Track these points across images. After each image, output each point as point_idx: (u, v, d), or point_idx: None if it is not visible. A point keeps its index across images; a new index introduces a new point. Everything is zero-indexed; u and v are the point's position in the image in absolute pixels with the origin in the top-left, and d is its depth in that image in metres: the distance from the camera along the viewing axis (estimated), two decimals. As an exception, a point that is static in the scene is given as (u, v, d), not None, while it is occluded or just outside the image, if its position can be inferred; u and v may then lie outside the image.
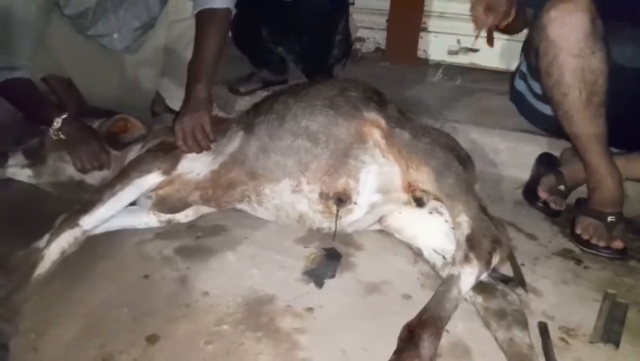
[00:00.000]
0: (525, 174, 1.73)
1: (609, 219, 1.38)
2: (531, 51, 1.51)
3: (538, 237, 1.47)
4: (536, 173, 1.63)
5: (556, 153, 1.74)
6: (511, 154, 1.85)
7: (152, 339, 1.07)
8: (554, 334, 1.09)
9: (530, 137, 1.85)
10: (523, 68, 1.73)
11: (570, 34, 1.31)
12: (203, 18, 1.55)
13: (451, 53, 2.68)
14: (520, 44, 2.45)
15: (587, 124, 1.36)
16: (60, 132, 1.52)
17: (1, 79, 1.57)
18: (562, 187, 1.54)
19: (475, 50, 2.63)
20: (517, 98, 1.84)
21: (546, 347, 1.05)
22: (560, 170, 1.58)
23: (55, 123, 1.51)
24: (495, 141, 1.88)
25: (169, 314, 1.14)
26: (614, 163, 1.40)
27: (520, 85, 1.79)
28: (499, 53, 2.57)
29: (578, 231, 1.41)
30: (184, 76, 1.56)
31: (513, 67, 2.53)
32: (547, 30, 1.34)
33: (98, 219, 1.31)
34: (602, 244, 1.36)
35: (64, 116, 1.53)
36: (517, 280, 1.23)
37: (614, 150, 1.47)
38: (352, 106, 1.39)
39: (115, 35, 1.85)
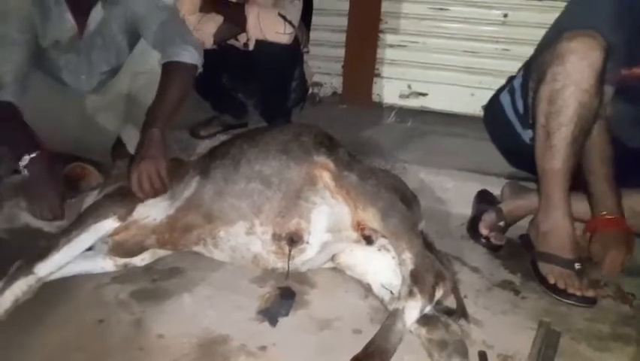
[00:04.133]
0: (470, 211, 1.84)
1: (577, 266, 1.40)
2: (533, 73, 1.51)
3: (481, 270, 1.56)
4: (477, 210, 1.74)
5: (496, 191, 1.86)
6: (458, 192, 1.96)
7: (105, 384, 1.08)
8: (493, 362, 1.17)
9: (476, 176, 1.99)
10: (516, 84, 1.71)
11: (586, 69, 1.33)
12: (170, 69, 1.62)
13: (402, 96, 2.85)
14: (465, 89, 2.70)
15: (565, 161, 1.39)
16: (25, 170, 1.49)
17: None
18: (502, 223, 1.64)
19: (424, 94, 2.81)
20: (495, 110, 1.82)
21: (485, 375, 1.12)
22: (500, 207, 1.69)
23: (23, 160, 1.48)
24: (443, 179, 2.00)
25: (124, 359, 1.15)
26: (571, 207, 1.44)
27: (504, 98, 1.77)
28: (448, 97, 2.75)
29: (552, 281, 1.41)
30: None
31: (460, 110, 2.75)
32: (564, 58, 1.35)
33: (53, 266, 1.31)
34: (578, 293, 1.37)
35: (34, 155, 1.49)
36: (460, 312, 1.30)
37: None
38: (304, 150, 1.47)
39: (83, 77, 1.89)
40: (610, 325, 1.32)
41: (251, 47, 2.04)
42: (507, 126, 1.76)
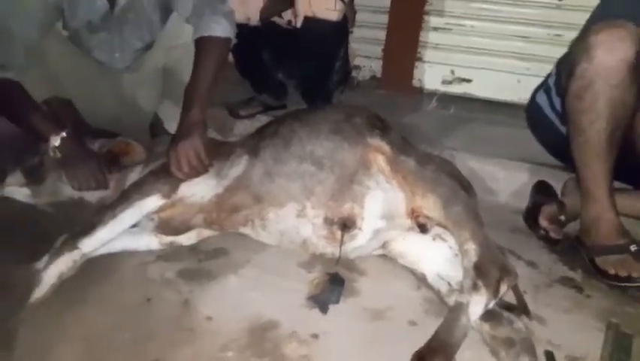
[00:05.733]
0: (521, 202, 1.75)
1: (632, 248, 1.34)
2: (565, 68, 1.46)
3: (538, 264, 1.48)
4: (536, 200, 1.65)
5: (551, 182, 1.77)
6: (509, 182, 1.88)
7: (155, 365, 1.04)
8: (561, 363, 1.10)
9: (527, 166, 1.90)
10: (551, 82, 1.65)
11: (615, 62, 1.26)
12: (203, 45, 1.57)
13: (445, 82, 2.75)
14: (512, 76, 2.58)
15: (602, 156, 1.35)
16: (58, 150, 1.49)
17: None
18: (562, 217, 1.55)
19: (468, 81, 2.70)
20: (534, 111, 1.75)
21: (554, 376, 1.05)
22: (562, 200, 1.60)
23: (53, 141, 1.48)
24: (493, 169, 1.91)
25: (172, 339, 1.12)
26: (614, 199, 1.39)
27: (541, 98, 1.71)
28: (492, 84, 2.64)
29: (612, 271, 1.35)
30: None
31: (505, 97, 2.63)
32: (591, 52, 1.29)
33: (98, 242, 1.29)
34: None
35: (64, 134, 1.49)
36: (521, 308, 1.23)
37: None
38: (357, 132, 1.41)
39: (117, 55, 1.86)
40: (684, 329, 1.23)
41: (298, 24, 1.97)
42: (548, 125, 1.68)
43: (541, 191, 1.69)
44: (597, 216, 1.40)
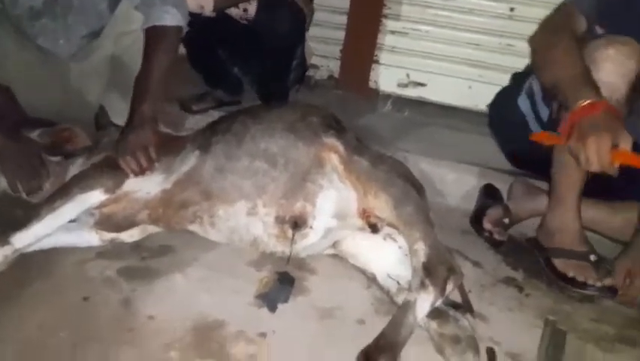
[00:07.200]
0: (470, 205, 1.79)
1: (592, 258, 1.40)
2: None
3: (483, 265, 1.53)
4: (482, 203, 1.70)
5: (499, 185, 1.82)
6: (458, 185, 1.92)
7: (92, 367, 0.99)
8: (501, 359, 1.13)
9: (476, 169, 1.94)
10: (535, 87, 1.56)
11: (621, 78, 1.26)
12: (153, 35, 1.52)
13: (400, 85, 2.79)
14: (464, 82, 2.65)
15: None
16: None
17: None
18: (506, 220, 1.60)
19: (423, 85, 2.75)
20: (509, 114, 1.67)
21: (495, 373, 1.08)
22: (507, 204, 1.65)
23: None
24: (443, 171, 1.95)
25: (112, 340, 1.07)
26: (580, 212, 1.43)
27: (523, 104, 1.62)
28: (445, 89, 2.70)
29: (571, 274, 1.41)
30: (131, 90, 1.51)
31: (457, 102, 2.70)
32: (598, 65, 1.25)
33: (32, 237, 1.22)
34: (598, 284, 1.37)
35: None
36: (465, 307, 1.26)
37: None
38: (312, 131, 1.39)
39: (61, 41, 1.77)
40: (615, 327, 1.30)
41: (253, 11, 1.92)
42: (524, 130, 1.59)
43: (488, 194, 1.74)
44: (565, 223, 1.43)
